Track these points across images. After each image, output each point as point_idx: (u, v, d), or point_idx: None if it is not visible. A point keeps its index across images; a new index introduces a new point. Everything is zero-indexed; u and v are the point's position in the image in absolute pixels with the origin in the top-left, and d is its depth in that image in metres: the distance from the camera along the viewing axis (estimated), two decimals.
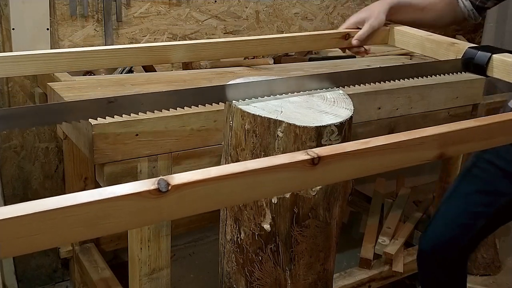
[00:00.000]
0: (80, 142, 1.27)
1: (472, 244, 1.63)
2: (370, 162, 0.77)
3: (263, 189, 0.69)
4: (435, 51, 1.44)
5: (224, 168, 0.66)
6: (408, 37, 1.52)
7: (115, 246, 2.14)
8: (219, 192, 0.65)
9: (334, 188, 1.03)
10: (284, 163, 0.69)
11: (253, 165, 0.67)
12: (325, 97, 1.07)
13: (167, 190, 0.60)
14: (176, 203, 0.62)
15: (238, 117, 0.98)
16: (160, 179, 0.60)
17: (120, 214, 0.59)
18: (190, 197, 0.63)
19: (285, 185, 0.72)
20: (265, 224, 1.03)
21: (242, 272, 1.11)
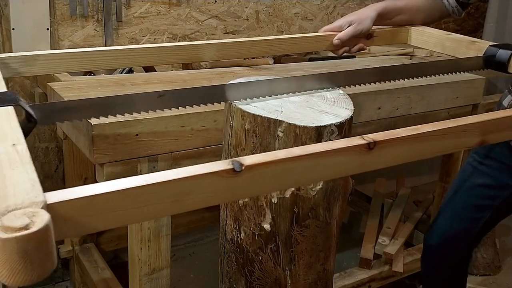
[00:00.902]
0: (80, 142, 1.27)
1: (478, 237, 1.65)
2: (420, 147, 0.82)
3: (323, 171, 0.74)
4: (455, 50, 1.48)
5: (290, 151, 0.70)
6: (427, 37, 1.57)
7: (115, 246, 2.15)
8: (286, 173, 0.70)
9: (334, 188, 1.03)
10: (342, 147, 0.73)
11: (314, 148, 0.72)
12: (325, 97, 1.07)
13: (241, 170, 0.65)
14: (249, 182, 0.67)
15: (238, 117, 0.98)
16: (233, 160, 0.65)
17: (202, 191, 0.64)
18: (261, 177, 0.68)
19: (344, 168, 0.76)
20: (265, 224, 1.03)
21: (242, 272, 1.11)
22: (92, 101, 0.96)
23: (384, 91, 1.59)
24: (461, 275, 1.73)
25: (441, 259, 1.67)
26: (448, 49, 1.50)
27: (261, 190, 0.71)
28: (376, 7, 1.56)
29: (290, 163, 0.70)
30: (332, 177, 0.87)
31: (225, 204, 1.09)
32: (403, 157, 0.81)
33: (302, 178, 0.73)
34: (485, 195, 1.56)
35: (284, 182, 0.72)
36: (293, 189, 0.98)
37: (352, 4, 2.54)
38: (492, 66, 1.34)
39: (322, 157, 0.72)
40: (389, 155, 0.79)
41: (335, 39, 1.51)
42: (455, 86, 1.79)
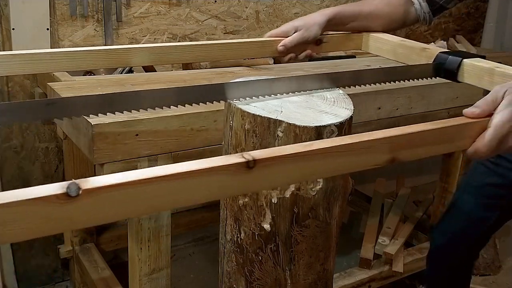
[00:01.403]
0: (80, 142, 1.27)
1: (485, 237, 1.65)
2: (312, 166, 0.72)
3: (191, 194, 0.63)
4: (407, 57, 1.42)
5: (145, 172, 0.60)
6: (381, 43, 1.49)
7: (115, 246, 2.15)
8: (139, 198, 0.60)
9: (334, 188, 1.03)
10: (214, 166, 0.64)
11: (179, 168, 0.62)
12: (325, 97, 1.07)
13: (77, 194, 0.55)
14: (88, 209, 0.57)
15: (238, 117, 0.98)
16: (71, 183, 0.55)
17: (23, 221, 0.54)
18: (103, 202, 0.57)
19: (216, 190, 0.65)
20: (265, 224, 1.03)
21: (242, 272, 1.11)
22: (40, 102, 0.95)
23: (384, 91, 1.59)
24: (466, 276, 1.73)
25: (448, 259, 1.67)
26: (400, 56, 1.44)
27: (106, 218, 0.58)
28: (326, 12, 1.47)
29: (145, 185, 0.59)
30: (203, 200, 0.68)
31: (224, 204, 1.09)
32: (290, 177, 0.71)
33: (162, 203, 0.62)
34: (495, 194, 1.55)
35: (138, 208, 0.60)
36: (293, 189, 0.98)
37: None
38: (441, 74, 1.28)
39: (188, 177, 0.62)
40: (273, 175, 0.68)
41: (279, 46, 1.43)
42: (455, 86, 1.78)
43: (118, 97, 0.96)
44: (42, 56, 1.20)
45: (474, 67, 1.22)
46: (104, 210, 0.58)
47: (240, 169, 0.65)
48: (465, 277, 1.74)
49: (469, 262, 1.71)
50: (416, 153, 0.81)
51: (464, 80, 1.25)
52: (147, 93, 0.98)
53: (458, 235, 1.63)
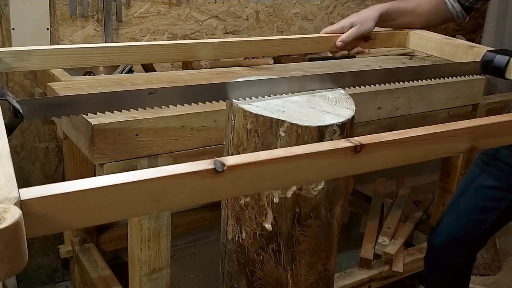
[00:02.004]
0: (80, 142, 1.27)
1: (483, 240, 1.65)
2: (408, 151, 0.81)
3: (307, 173, 0.73)
4: (453, 54, 1.47)
5: (272, 152, 0.70)
6: (425, 40, 1.56)
7: (115, 246, 2.15)
8: (268, 175, 0.69)
9: (336, 187, 1.03)
10: (327, 149, 0.72)
11: (298, 150, 0.71)
12: (327, 97, 1.07)
13: (222, 170, 0.65)
14: (231, 182, 0.66)
15: (240, 117, 0.98)
16: (216, 160, 0.65)
17: (181, 191, 0.63)
18: (242, 177, 0.67)
19: (328, 171, 0.75)
20: (267, 224, 1.03)
21: (243, 272, 1.11)
22: (82, 97, 0.96)
23: (384, 91, 1.59)
24: (464, 278, 1.73)
25: (445, 261, 1.67)
26: (446, 54, 1.49)
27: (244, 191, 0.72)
28: (378, 8, 1.54)
29: (272, 164, 0.69)
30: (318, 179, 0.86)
31: (226, 203, 1.09)
32: (390, 161, 0.80)
33: (285, 179, 0.72)
34: (492, 197, 1.55)
35: (266, 184, 0.71)
36: (294, 188, 0.98)
37: (352, 4, 2.54)
38: (490, 72, 1.34)
39: (305, 159, 0.71)
40: (376, 159, 0.78)
41: (338, 41, 1.49)
42: (455, 86, 1.79)
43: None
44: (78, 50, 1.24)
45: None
46: (243, 183, 0.68)
47: (349, 152, 0.74)
48: (464, 278, 1.74)
49: (467, 264, 1.71)
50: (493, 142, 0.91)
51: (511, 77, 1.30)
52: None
53: (456, 238, 1.62)
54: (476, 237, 1.61)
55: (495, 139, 0.89)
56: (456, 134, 0.84)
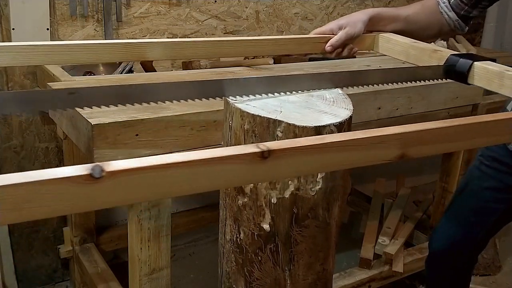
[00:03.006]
0: (80, 142, 1.27)
1: (484, 241, 1.65)
2: (324, 159, 0.74)
3: (207, 180, 0.66)
4: (418, 58, 1.43)
5: (165, 157, 0.62)
6: (393, 44, 1.51)
7: (115, 246, 2.15)
8: (158, 182, 0.62)
9: (334, 188, 1.03)
10: (232, 155, 0.66)
11: (197, 155, 0.64)
12: (325, 97, 1.07)
13: (100, 176, 0.57)
14: (110, 190, 0.59)
15: (237, 117, 0.98)
16: (95, 165, 0.57)
17: (49, 198, 0.56)
18: (125, 185, 0.60)
19: (231, 178, 0.68)
20: (265, 224, 1.03)
21: (242, 272, 1.11)
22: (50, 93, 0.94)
23: (384, 91, 1.59)
24: (465, 279, 1.73)
25: (446, 263, 1.67)
26: (411, 58, 1.45)
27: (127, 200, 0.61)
28: (368, 11, 1.51)
29: (164, 170, 0.61)
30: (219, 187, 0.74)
31: (224, 204, 1.10)
32: (303, 168, 0.73)
33: (180, 187, 0.64)
34: (492, 198, 1.55)
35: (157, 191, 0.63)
36: (292, 189, 0.98)
37: (352, 4, 2.54)
38: (452, 76, 1.29)
39: (205, 165, 0.64)
40: (286, 166, 0.70)
41: (327, 46, 1.46)
42: (455, 86, 1.79)
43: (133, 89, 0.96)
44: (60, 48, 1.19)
45: (484, 70, 1.23)
46: (125, 192, 0.60)
47: (256, 158, 0.67)
48: (465, 280, 1.73)
49: (469, 266, 1.71)
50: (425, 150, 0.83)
51: (474, 83, 1.26)
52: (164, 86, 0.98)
53: (456, 240, 1.62)
54: (477, 239, 1.61)
55: (428, 146, 0.82)
56: (382, 141, 0.77)
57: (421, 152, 0.82)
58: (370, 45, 1.56)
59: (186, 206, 2.36)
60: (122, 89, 0.98)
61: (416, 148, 0.81)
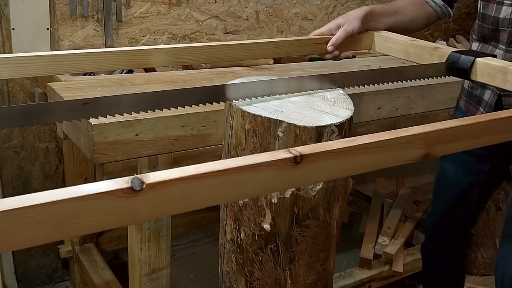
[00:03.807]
0: (80, 142, 1.27)
1: (473, 215, 1.70)
2: (354, 161, 0.74)
3: (243, 188, 0.66)
4: (419, 56, 1.43)
5: (202, 167, 0.62)
6: (391, 42, 1.51)
7: (115, 246, 2.15)
8: (197, 192, 0.62)
9: (335, 188, 1.03)
10: (265, 162, 0.66)
11: (232, 163, 0.64)
12: (325, 97, 1.07)
13: (141, 188, 0.57)
14: (151, 202, 0.59)
15: (238, 117, 0.98)
16: (134, 178, 0.57)
17: (91, 214, 0.56)
18: (166, 196, 0.60)
19: (267, 185, 0.68)
20: (265, 224, 1.03)
21: (242, 272, 1.11)
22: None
23: (384, 91, 1.59)
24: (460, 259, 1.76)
25: (439, 244, 1.71)
26: (412, 56, 1.45)
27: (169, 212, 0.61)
28: (362, 9, 1.53)
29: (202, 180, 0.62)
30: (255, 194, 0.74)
31: (225, 204, 1.09)
32: (335, 172, 0.74)
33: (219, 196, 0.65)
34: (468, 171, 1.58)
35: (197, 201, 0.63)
36: (293, 189, 0.98)
37: (352, 4, 2.54)
38: (454, 73, 1.29)
39: (241, 172, 0.64)
40: (318, 170, 0.71)
41: (328, 46, 1.46)
42: (455, 86, 1.79)
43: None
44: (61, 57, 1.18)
45: (487, 66, 1.24)
46: (165, 203, 0.60)
47: (288, 164, 0.68)
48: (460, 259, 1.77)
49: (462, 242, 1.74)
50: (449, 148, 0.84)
51: (477, 79, 1.27)
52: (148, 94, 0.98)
53: (446, 217, 1.68)
54: (465, 214, 1.66)
55: (451, 145, 0.84)
56: (409, 141, 0.78)
57: (445, 150, 0.84)
58: (368, 45, 1.56)
59: None
60: None
61: (440, 147, 0.82)
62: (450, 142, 0.83)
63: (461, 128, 0.84)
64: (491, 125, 0.88)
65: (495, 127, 0.88)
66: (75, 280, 2.07)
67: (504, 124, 0.89)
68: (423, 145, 0.80)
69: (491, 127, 0.88)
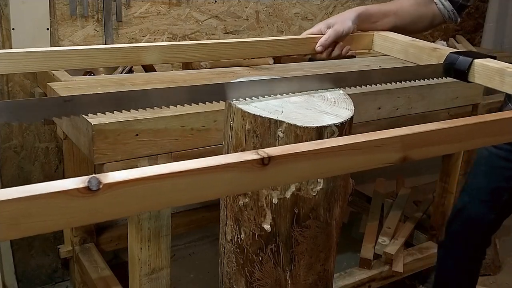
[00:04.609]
0: (80, 142, 1.27)
1: (496, 222, 1.67)
2: (325, 164, 0.73)
3: (207, 189, 0.65)
4: (417, 57, 1.42)
5: (163, 167, 0.61)
6: (391, 43, 1.50)
7: (115, 246, 2.15)
8: (157, 192, 0.61)
9: (335, 188, 1.02)
10: (230, 163, 0.65)
11: (195, 164, 0.63)
12: (326, 97, 1.07)
13: (98, 188, 0.56)
14: (109, 203, 0.58)
15: (238, 117, 0.98)
16: (92, 177, 0.57)
17: (47, 213, 0.55)
18: (124, 196, 0.59)
19: (232, 186, 0.67)
20: (266, 225, 1.03)
21: (242, 273, 1.11)
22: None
23: (384, 91, 1.59)
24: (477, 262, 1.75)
25: (460, 244, 1.70)
26: (411, 56, 1.43)
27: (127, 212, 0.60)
28: (355, 9, 1.51)
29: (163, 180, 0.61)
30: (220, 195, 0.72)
31: (225, 204, 1.09)
32: (303, 174, 0.73)
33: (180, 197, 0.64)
34: (501, 177, 1.57)
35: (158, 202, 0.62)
36: (293, 189, 0.98)
37: (352, 4, 2.54)
38: (452, 74, 1.28)
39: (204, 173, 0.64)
40: (286, 172, 0.70)
41: (317, 46, 1.45)
42: (455, 86, 1.79)
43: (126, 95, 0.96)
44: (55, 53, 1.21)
45: (484, 67, 1.22)
46: (124, 203, 0.59)
47: (255, 165, 0.67)
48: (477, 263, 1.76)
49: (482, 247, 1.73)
50: (426, 152, 0.82)
51: (474, 80, 1.25)
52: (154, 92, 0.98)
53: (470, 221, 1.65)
54: (489, 219, 1.63)
55: (428, 148, 0.82)
56: (384, 144, 0.76)
57: (423, 154, 0.81)
58: (368, 45, 1.56)
59: (186, 206, 2.35)
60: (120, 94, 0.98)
61: (418, 150, 0.80)
62: (427, 146, 0.81)
63: (440, 131, 0.82)
64: (472, 129, 0.86)
65: (477, 131, 0.86)
66: (75, 280, 2.07)
67: (487, 128, 0.87)
68: (399, 148, 0.78)
69: (472, 131, 0.86)
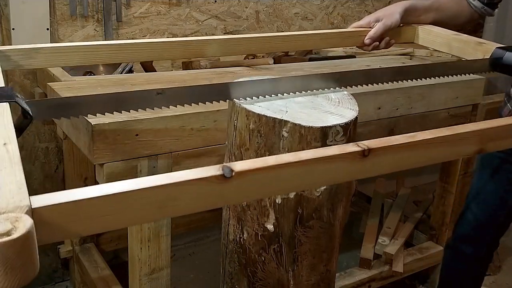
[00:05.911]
0: (80, 142, 1.27)
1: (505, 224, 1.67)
2: (416, 155, 0.80)
3: (315, 178, 0.73)
4: (462, 51, 1.45)
5: (281, 158, 0.69)
6: (434, 36, 1.54)
7: (115, 246, 2.14)
8: (276, 180, 0.69)
9: (338, 189, 1.02)
10: (335, 154, 0.72)
11: (306, 155, 0.70)
12: (330, 97, 1.07)
13: (231, 176, 0.64)
14: (239, 188, 0.66)
15: (242, 117, 0.98)
16: (224, 166, 0.64)
17: (188, 197, 0.63)
18: (250, 183, 0.67)
19: (336, 175, 0.75)
20: (269, 225, 1.02)
21: (245, 273, 1.11)
22: (91, 98, 0.95)
23: (384, 91, 1.59)
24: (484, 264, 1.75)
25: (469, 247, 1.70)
26: (454, 50, 1.47)
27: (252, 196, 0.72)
28: (402, 3, 1.56)
29: (280, 169, 0.68)
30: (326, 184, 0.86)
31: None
32: (398, 165, 0.80)
33: (294, 184, 0.72)
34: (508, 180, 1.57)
35: (274, 189, 0.71)
36: None
37: (352, 4, 2.54)
38: (498, 69, 1.31)
39: (313, 164, 0.71)
40: (383, 163, 0.78)
41: (366, 39, 1.50)
42: (455, 86, 1.79)
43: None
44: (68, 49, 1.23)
45: None
46: (251, 189, 0.68)
47: (357, 157, 0.74)
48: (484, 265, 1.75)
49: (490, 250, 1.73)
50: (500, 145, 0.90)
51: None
52: None
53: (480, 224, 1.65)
54: (498, 222, 1.64)
55: (503, 141, 0.89)
56: (465, 137, 0.84)
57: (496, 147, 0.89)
58: (411, 37, 1.60)
59: None
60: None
61: (492, 143, 0.88)
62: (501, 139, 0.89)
63: None
64: None
65: None
66: (75, 280, 2.06)
67: None
68: (478, 141, 0.86)
69: None
